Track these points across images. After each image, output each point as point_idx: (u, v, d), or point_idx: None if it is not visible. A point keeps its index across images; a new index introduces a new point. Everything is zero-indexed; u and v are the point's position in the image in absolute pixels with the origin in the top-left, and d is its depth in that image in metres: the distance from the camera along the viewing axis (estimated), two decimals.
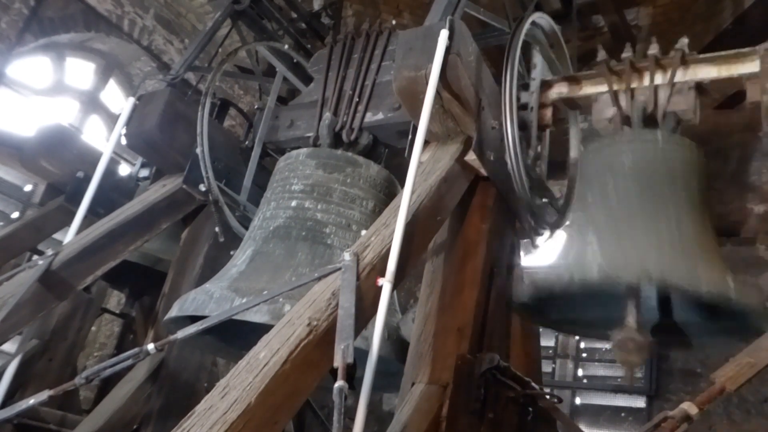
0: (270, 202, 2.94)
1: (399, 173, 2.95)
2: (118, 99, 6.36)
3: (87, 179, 3.42)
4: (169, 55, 6.33)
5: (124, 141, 3.45)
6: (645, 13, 5.64)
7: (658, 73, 2.62)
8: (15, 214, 4.53)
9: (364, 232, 2.27)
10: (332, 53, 3.40)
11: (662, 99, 2.59)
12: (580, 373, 6.23)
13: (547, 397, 2.42)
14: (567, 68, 3.11)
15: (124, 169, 4.15)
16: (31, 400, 1.98)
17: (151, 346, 1.96)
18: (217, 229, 3.33)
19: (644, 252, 2.33)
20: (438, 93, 2.36)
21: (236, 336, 2.83)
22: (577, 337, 6.43)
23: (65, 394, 2.16)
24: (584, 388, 6.11)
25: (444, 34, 2.35)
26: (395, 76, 2.51)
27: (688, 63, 2.59)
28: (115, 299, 5.51)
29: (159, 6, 6.29)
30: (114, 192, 3.73)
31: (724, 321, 2.43)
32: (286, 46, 3.91)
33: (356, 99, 3.15)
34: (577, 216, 2.79)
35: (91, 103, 6.21)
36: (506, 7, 3.56)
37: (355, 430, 1.61)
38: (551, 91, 2.84)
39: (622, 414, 5.77)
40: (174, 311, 2.62)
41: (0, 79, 5.12)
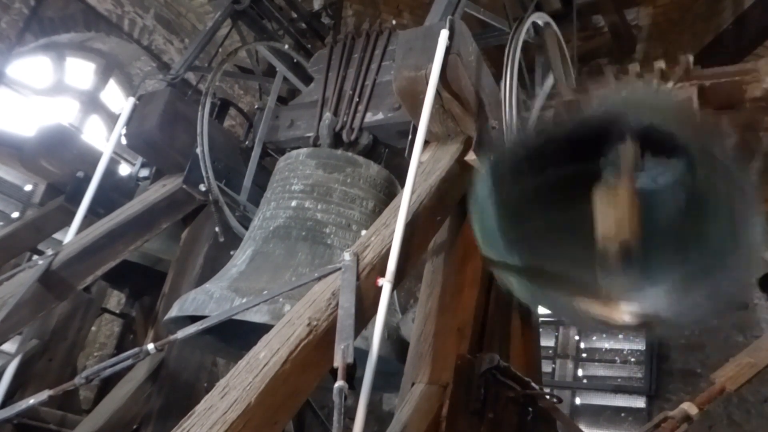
0: (270, 202, 2.94)
1: (399, 173, 2.95)
2: (118, 99, 6.37)
3: (87, 179, 3.41)
4: (169, 55, 6.33)
5: (124, 141, 3.45)
6: (645, 13, 5.63)
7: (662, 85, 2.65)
8: (15, 214, 4.52)
9: (364, 232, 2.27)
10: (332, 53, 3.40)
11: None
12: (580, 373, 6.24)
13: (547, 397, 2.42)
14: (567, 68, 3.11)
15: (124, 169, 4.14)
16: (31, 400, 1.98)
17: (151, 346, 1.96)
18: (217, 229, 3.33)
19: None
20: (438, 93, 2.36)
21: (236, 336, 2.83)
22: (577, 337, 6.43)
23: (65, 394, 2.15)
24: (584, 388, 6.11)
25: (444, 34, 2.35)
26: (395, 76, 2.51)
27: (692, 77, 2.62)
28: (115, 299, 5.50)
29: (159, 6, 6.29)
30: (114, 192, 3.72)
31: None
32: (286, 46, 3.91)
33: (356, 99, 3.14)
34: None
35: (91, 103, 6.22)
36: (506, 7, 3.55)
37: (355, 430, 1.60)
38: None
39: (622, 414, 5.77)
40: (174, 311, 2.62)
41: (0, 79, 5.12)
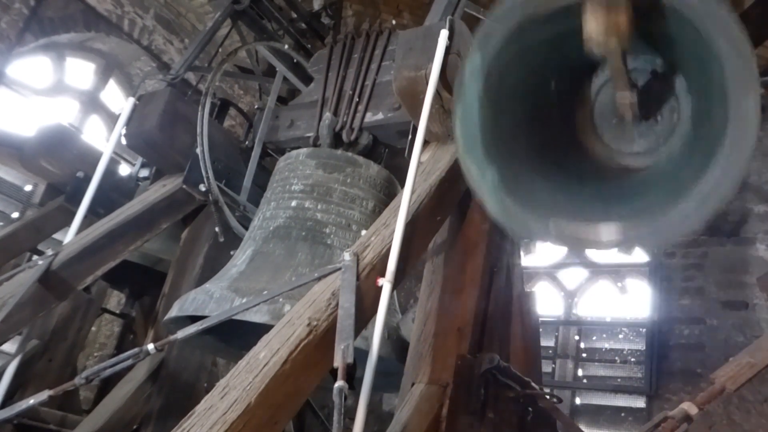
0: (270, 202, 2.94)
1: (399, 173, 2.95)
2: (118, 99, 6.37)
3: (87, 179, 3.42)
4: (169, 55, 6.34)
5: (124, 141, 3.45)
6: None
7: None
8: (15, 214, 4.52)
9: (364, 232, 2.28)
10: (332, 53, 3.40)
11: None
12: (580, 373, 6.25)
13: (547, 397, 2.42)
14: None
15: (124, 169, 4.14)
16: (31, 400, 1.98)
17: (151, 346, 1.97)
18: (217, 229, 3.32)
19: None
20: (438, 93, 2.35)
21: (236, 336, 2.83)
22: (577, 337, 6.44)
23: (65, 394, 2.16)
24: (584, 388, 6.12)
25: (444, 34, 2.35)
26: (395, 76, 2.51)
27: None
28: (115, 299, 5.50)
29: (159, 6, 6.29)
30: (114, 192, 3.72)
31: None
32: (286, 46, 3.90)
33: (356, 99, 3.14)
34: None
35: (91, 103, 6.22)
36: None
37: (355, 430, 1.60)
38: None
39: (622, 414, 5.78)
40: (174, 311, 2.62)
41: (0, 79, 5.12)
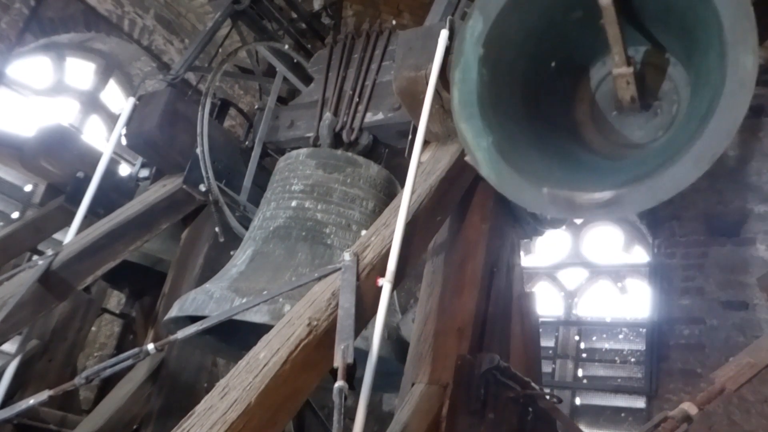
0: (270, 202, 2.94)
1: (399, 173, 2.95)
2: (118, 99, 6.37)
3: (87, 179, 3.41)
4: (169, 55, 6.34)
5: (124, 141, 3.45)
6: None
7: None
8: (15, 214, 4.51)
9: (364, 232, 2.27)
10: (332, 53, 3.40)
11: None
12: (580, 373, 6.24)
13: (547, 397, 2.42)
14: None
15: (124, 169, 4.14)
16: (31, 400, 1.98)
17: (151, 346, 1.96)
18: (217, 229, 3.32)
19: None
20: (438, 93, 2.36)
21: (236, 336, 2.83)
22: (577, 337, 6.43)
23: (65, 394, 2.15)
24: (584, 388, 6.12)
25: (444, 34, 2.35)
26: (395, 76, 2.51)
27: None
28: (115, 299, 5.50)
29: (159, 6, 6.29)
30: (114, 192, 3.72)
31: None
32: (286, 46, 3.90)
33: (356, 99, 3.15)
34: None
35: (91, 103, 6.22)
36: None
37: (355, 430, 1.60)
38: None
39: (622, 414, 5.78)
40: (174, 311, 2.62)
41: (0, 79, 5.12)
